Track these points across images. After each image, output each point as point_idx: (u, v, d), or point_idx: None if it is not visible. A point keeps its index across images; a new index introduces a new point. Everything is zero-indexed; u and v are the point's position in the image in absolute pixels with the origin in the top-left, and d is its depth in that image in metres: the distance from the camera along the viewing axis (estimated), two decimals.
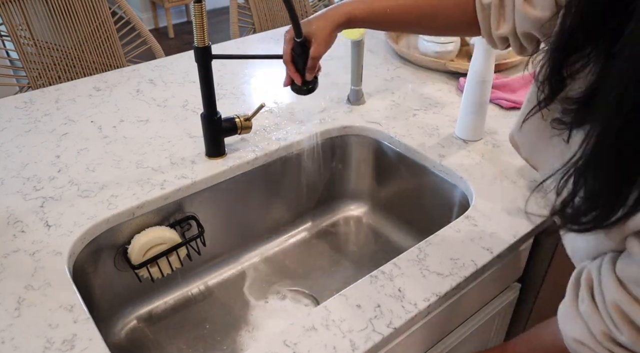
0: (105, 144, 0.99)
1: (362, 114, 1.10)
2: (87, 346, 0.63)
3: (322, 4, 1.98)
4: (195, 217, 0.93)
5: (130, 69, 1.29)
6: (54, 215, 0.82)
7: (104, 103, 1.14)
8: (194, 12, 0.79)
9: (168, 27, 4.00)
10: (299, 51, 0.80)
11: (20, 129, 1.04)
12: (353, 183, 1.16)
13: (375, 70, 1.28)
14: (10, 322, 0.65)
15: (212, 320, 0.95)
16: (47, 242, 0.77)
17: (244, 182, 0.98)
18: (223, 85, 1.21)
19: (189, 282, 1.01)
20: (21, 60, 1.41)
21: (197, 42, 0.83)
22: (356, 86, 1.12)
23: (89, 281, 0.84)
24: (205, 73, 0.86)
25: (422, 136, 1.03)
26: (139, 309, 0.95)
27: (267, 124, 1.06)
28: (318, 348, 0.63)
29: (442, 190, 0.98)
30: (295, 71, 0.82)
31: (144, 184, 0.89)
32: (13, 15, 1.37)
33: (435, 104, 1.14)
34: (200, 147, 0.97)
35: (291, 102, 1.14)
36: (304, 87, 0.85)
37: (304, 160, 1.06)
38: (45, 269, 0.73)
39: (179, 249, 0.89)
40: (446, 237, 0.80)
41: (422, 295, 0.70)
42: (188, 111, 1.11)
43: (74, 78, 1.48)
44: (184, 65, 1.31)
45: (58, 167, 0.93)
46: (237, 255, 1.06)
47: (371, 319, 0.66)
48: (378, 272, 0.73)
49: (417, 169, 1.01)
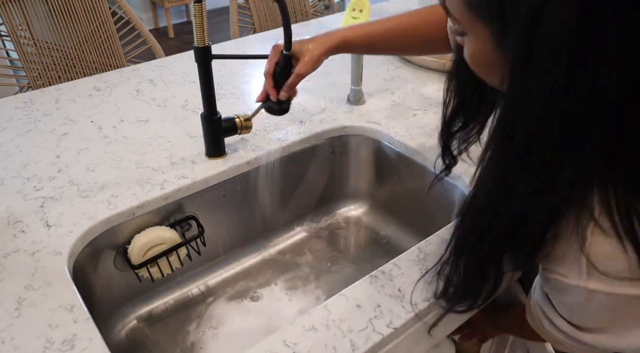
0: (105, 144, 0.99)
1: (362, 114, 1.10)
2: (87, 346, 0.63)
3: (322, 4, 1.98)
4: (195, 217, 0.93)
5: (130, 69, 1.29)
6: (54, 215, 0.82)
7: (104, 103, 1.14)
8: (194, 12, 0.79)
9: (168, 27, 4.00)
10: (282, 65, 0.81)
11: (20, 129, 1.04)
12: (353, 183, 1.16)
13: (375, 70, 1.28)
14: (10, 322, 0.65)
15: (212, 320, 0.95)
16: (47, 242, 0.77)
17: (244, 182, 0.98)
18: (223, 85, 1.21)
19: (189, 282, 1.01)
20: (21, 60, 1.41)
21: (197, 42, 0.83)
22: (356, 86, 1.12)
23: (89, 281, 0.84)
24: (205, 73, 0.86)
25: (422, 136, 1.03)
26: (139, 309, 0.95)
27: (267, 124, 1.05)
28: (318, 348, 0.63)
29: (442, 190, 0.97)
30: (273, 86, 0.83)
31: (144, 184, 0.89)
32: (13, 15, 1.37)
33: (435, 104, 1.14)
34: (200, 147, 0.97)
35: (292, 102, 1.14)
36: (276, 106, 0.85)
37: (304, 160, 1.06)
38: (45, 269, 0.73)
39: (179, 249, 0.89)
40: (446, 237, 0.80)
41: (422, 295, 0.70)
42: (188, 111, 1.11)
43: (74, 78, 1.48)
44: (184, 65, 1.31)
45: (58, 167, 0.93)
46: (237, 255, 1.06)
47: (371, 319, 0.66)
48: (378, 272, 0.73)
49: (417, 168, 1.01)
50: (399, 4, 1.74)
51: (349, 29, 0.83)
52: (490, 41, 0.48)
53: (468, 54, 0.52)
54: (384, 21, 0.84)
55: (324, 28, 1.53)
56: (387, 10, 1.68)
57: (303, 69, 0.80)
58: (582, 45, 0.41)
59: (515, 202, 0.50)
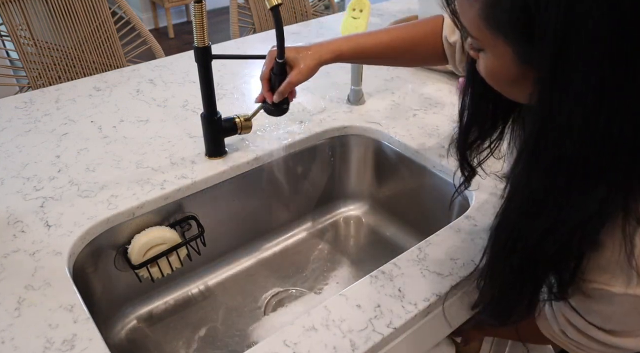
0: (105, 144, 0.99)
1: (362, 114, 1.10)
2: (87, 346, 0.63)
3: (322, 4, 1.98)
4: (195, 217, 0.93)
5: (130, 69, 1.29)
6: (54, 215, 0.82)
7: (104, 103, 1.14)
8: (194, 12, 0.79)
9: (168, 27, 4.00)
10: (277, 72, 0.83)
11: (20, 129, 1.04)
12: (353, 183, 1.16)
13: (375, 70, 1.28)
14: (10, 322, 0.65)
15: (212, 320, 0.95)
16: (47, 242, 0.77)
17: (244, 182, 0.98)
18: (223, 85, 1.21)
19: (189, 282, 1.01)
20: (21, 60, 1.41)
21: (197, 42, 0.83)
22: (356, 86, 1.12)
23: (89, 281, 0.84)
24: (205, 73, 0.86)
25: (422, 136, 1.03)
26: (139, 309, 0.95)
27: (267, 124, 1.05)
28: (318, 348, 0.63)
29: (442, 190, 0.98)
30: (268, 90, 0.86)
31: (144, 184, 0.89)
32: (13, 15, 1.37)
33: (435, 104, 1.14)
34: (200, 147, 0.97)
35: (291, 102, 1.14)
36: (274, 107, 0.87)
37: (304, 160, 1.06)
38: (45, 269, 0.73)
39: (179, 249, 0.89)
40: (446, 237, 0.80)
41: (422, 295, 0.70)
42: (188, 111, 1.11)
43: (74, 78, 1.48)
44: (184, 65, 1.31)
45: (58, 167, 0.93)
46: (237, 255, 1.06)
47: (371, 319, 0.66)
48: (378, 272, 0.73)
49: (417, 168, 1.01)
50: (398, 4, 1.74)
51: (346, 41, 0.84)
52: (512, 58, 0.47)
53: (486, 69, 0.52)
54: (380, 33, 0.85)
55: (324, 28, 1.53)
56: (387, 10, 1.68)
57: (295, 78, 0.82)
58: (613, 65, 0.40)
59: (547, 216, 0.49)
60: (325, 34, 1.49)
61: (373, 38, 0.85)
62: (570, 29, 0.40)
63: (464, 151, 0.67)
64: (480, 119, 0.64)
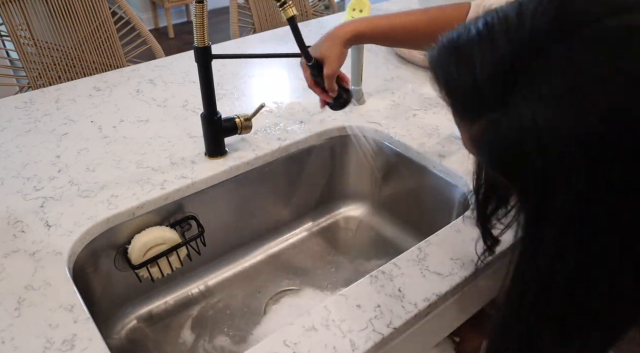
0: (105, 144, 0.99)
1: (362, 114, 1.10)
2: (87, 346, 0.63)
3: (322, 4, 1.98)
4: (195, 217, 0.93)
5: (130, 69, 1.29)
6: (54, 215, 0.82)
7: (104, 103, 1.14)
8: (195, 12, 0.79)
9: (168, 27, 4.00)
10: (316, 73, 0.85)
11: (20, 129, 1.04)
12: (353, 183, 1.16)
13: (375, 70, 1.28)
14: (10, 322, 0.65)
15: (212, 320, 0.95)
16: (47, 242, 0.77)
17: (244, 182, 0.98)
18: (223, 85, 1.21)
19: (189, 282, 1.01)
20: (21, 60, 1.41)
21: (197, 42, 0.83)
22: (356, 86, 1.12)
23: (89, 281, 0.84)
24: (205, 73, 0.86)
25: (422, 136, 1.03)
26: (139, 309, 0.95)
27: (267, 124, 1.06)
28: (318, 348, 0.63)
29: (442, 190, 0.98)
30: (321, 92, 0.88)
31: (144, 184, 0.89)
32: (13, 15, 1.37)
33: (435, 104, 1.14)
34: (200, 147, 0.97)
35: (291, 102, 1.14)
36: (336, 102, 0.90)
37: (304, 160, 1.06)
38: (45, 269, 0.73)
39: (179, 249, 0.89)
40: (446, 237, 0.80)
41: (422, 295, 0.70)
42: (188, 111, 1.11)
43: (74, 78, 1.48)
44: (184, 65, 1.31)
45: (58, 167, 0.93)
46: (237, 255, 1.06)
47: (371, 319, 0.66)
48: (378, 272, 0.73)
49: (417, 168, 1.01)
50: (398, 4, 1.74)
51: (361, 21, 0.84)
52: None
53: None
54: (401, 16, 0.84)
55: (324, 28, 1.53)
56: (387, 10, 1.68)
57: (329, 71, 0.83)
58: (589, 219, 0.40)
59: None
60: None
61: (394, 20, 0.84)
62: (548, 183, 0.41)
63: (485, 223, 0.67)
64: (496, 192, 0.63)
